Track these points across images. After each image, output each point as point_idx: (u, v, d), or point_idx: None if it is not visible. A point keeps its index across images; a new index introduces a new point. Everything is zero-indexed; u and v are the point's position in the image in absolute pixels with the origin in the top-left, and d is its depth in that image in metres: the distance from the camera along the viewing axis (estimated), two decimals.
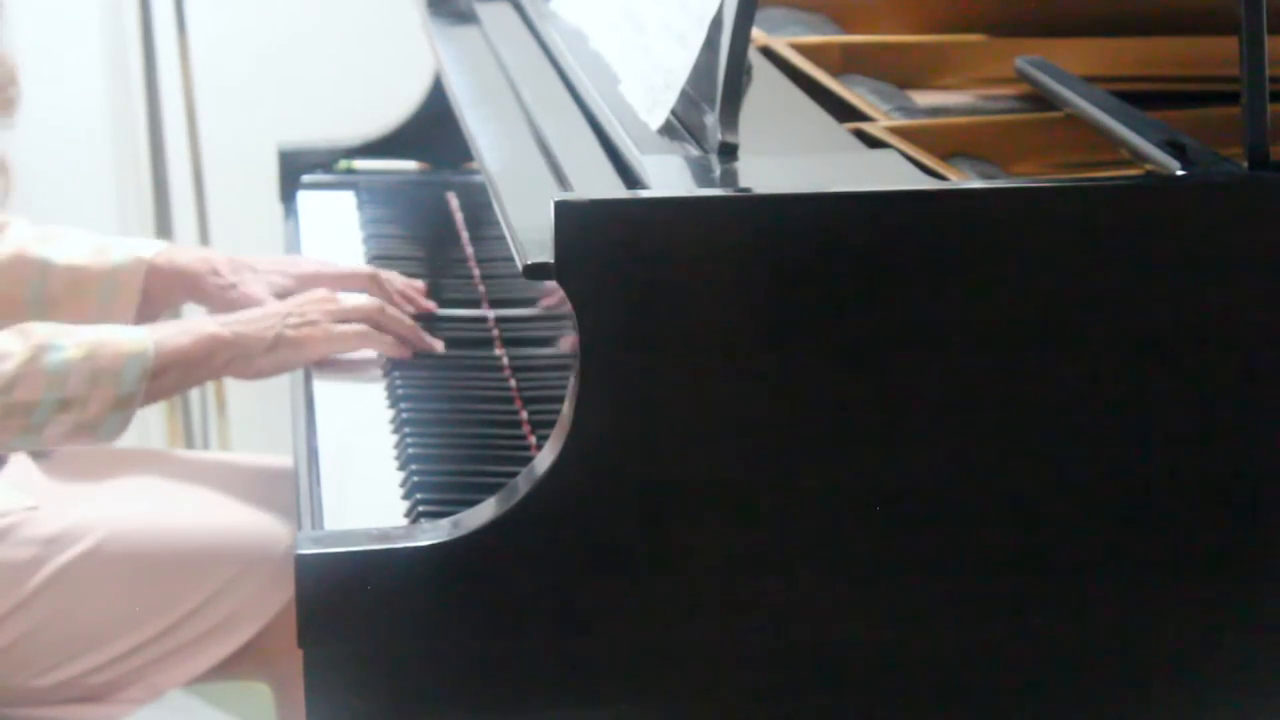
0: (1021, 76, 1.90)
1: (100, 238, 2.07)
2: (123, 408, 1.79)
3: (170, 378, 1.82)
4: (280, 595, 1.81)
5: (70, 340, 1.78)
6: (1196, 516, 1.53)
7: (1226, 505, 1.53)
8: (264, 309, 1.89)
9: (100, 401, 1.78)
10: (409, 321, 1.91)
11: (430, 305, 2.03)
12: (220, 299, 2.01)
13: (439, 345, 1.92)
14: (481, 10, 2.19)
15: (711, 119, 1.54)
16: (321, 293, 1.91)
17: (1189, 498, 1.53)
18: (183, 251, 2.07)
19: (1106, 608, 1.54)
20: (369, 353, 1.93)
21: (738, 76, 1.52)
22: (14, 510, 1.82)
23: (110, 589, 1.81)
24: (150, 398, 1.82)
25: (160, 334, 1.82)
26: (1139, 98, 1.73)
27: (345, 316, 1.88)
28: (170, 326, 1.85)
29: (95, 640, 1.82)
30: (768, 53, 1.96)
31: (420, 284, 2.05)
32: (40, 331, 1.79)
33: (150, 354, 1.80)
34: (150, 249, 2.05)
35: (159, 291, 2.03)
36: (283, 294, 2.00)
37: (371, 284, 2.00)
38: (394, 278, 2.03)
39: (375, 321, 1.89)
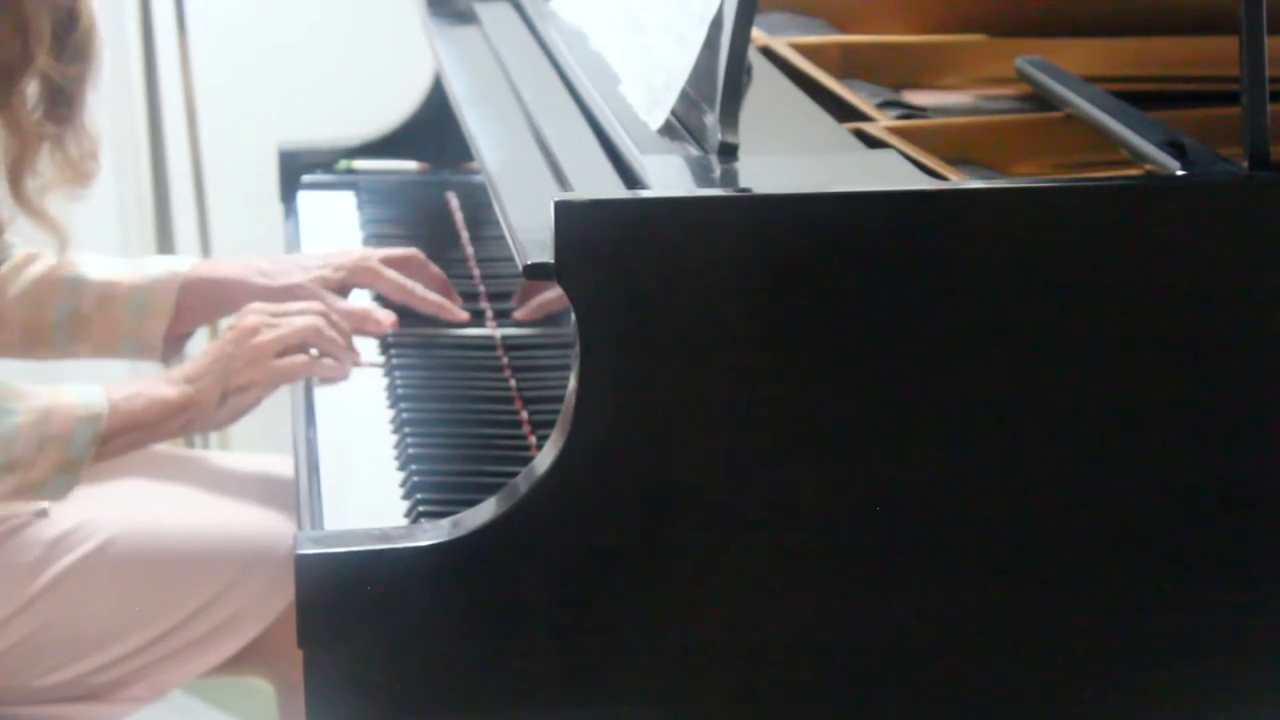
0: (1021, 76, 1.91)
1: (134, 258, 2.07)
2: (69, 470, 1.79)
3: (122, 441, 1.82)
4: (283, 596, 1.81)
5: (21, 405, 1.77)
6: (1197, 517, 1.53)
7: (1228, 506, 1.53)
8: (207, 361, 1.86)
9: (47, 465, 1.78)
10: (342, 341, 1.88)
11: (462, 315, 2.02)
12: (271, 300, 1.99)
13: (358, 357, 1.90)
14: (481, 10, 2.19)
15: (711, 119, 1.54)
16: (254, 321, 1.87)
17: (1190, 498, 1.53)
18: (220, 262, 2.07)
19: (1108, 608, 1.54)
20: (368, 354, 1.93)
21: (738, 76, 1.52)
22: (23, 512, 1.82)
23: (114, 590, 1.81)
24: (100, 459, 1.82)
25: (118, 395, 1.82)
26: (1139, 98, 1.73)
27: (285, 345, 1.85)
28: (128, 388, 1.84)
29: (98, 641, 1.82)
30: (768, 53, 1.97)
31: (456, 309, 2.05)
32: None
33: (104, 417, 1.80)
34: (186, 263, 2.05)
35: (196, 305, 2.02)
36: (335, 287, 2.00)
37: (414, 264, 2.01)
38: (427, 262, 2.04)
39: (314, 343, 1.86)
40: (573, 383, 1.44)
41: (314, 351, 1.87)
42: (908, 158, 1.58)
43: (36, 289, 2.01)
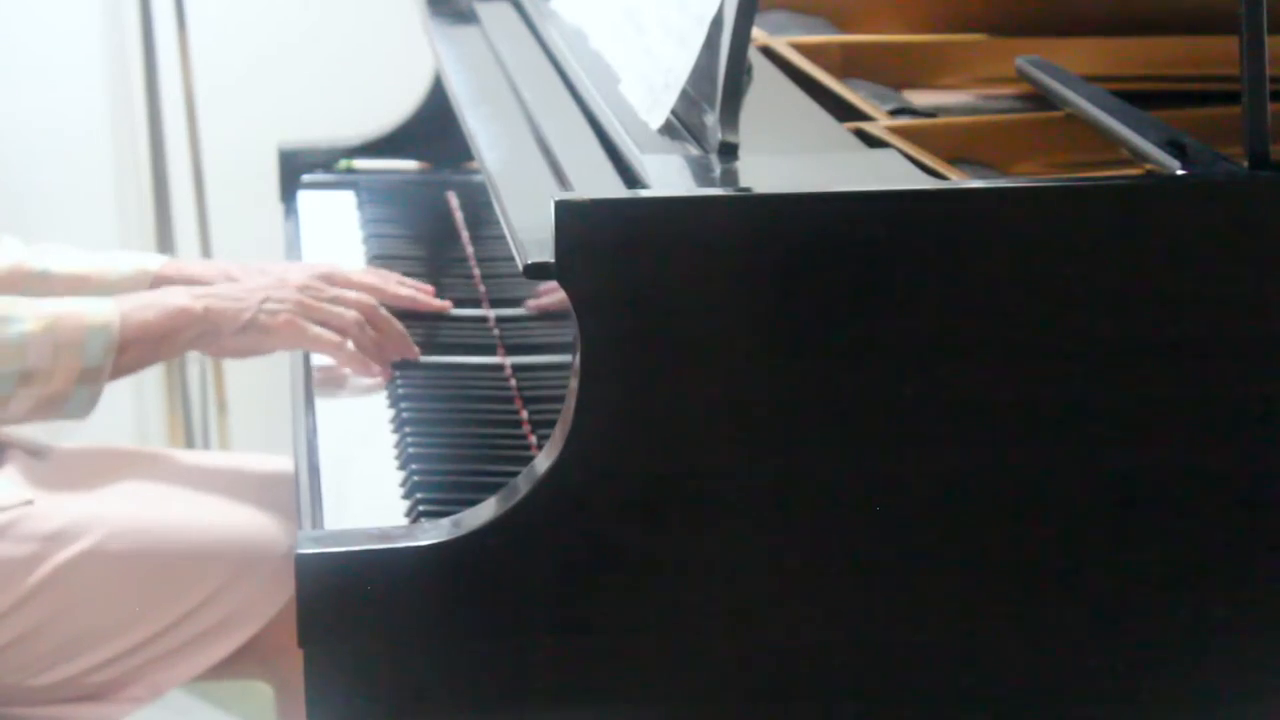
0: (1021, 76, 1.91)
1: (104, 252, 2.06)
2: (89, 381, 1.78)
3: (137, 351, 1.81)
4: (280, 595, 1.81)
5: (30, 312, 1.77)
6: (1197, 517, 1.53)
7: (1228, 505, 1.53)
8: (244, 285, 1.86)
9: (65, 374, 1.77)
10: (383, 343, 1.88)
11: (442, 304, 2.01)
12: None
13: (388, 374, 1.88)
14: (481, 10, 2.19)
15: (712, 119, 1.54)
16: (315, 279, 1.87)
17: (1190, 498, 1.53)
18: (191, 263, 2.06)
19: (1107, 608, 1.54)
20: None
21: (738, 76, 1.52)
22: (10, 505, 1.82)
23: (110, 587, 1.81)
24: (119, 372, 1.80)
25: (127, 306, 1.81)
26: (1139, 98, 1.73)
27: (325, 320, 1.85)
28: (139, 299, 1.83)
29: (95, 639, 1.82)
30: (768, 53, 1.97)
31: (429, 289, 2.04)
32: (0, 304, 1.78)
33: (115, 326, 1.79)
34: (156, 261, 2.04)
35: None
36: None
37: (373, 293, 1.98)
38: (403, 284, 2.03)
39: (351, 335, 1.86)
40: (573, 383, 1.44)
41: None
42: (908, 157, 1.58)
43: (2, 283, 2.00)
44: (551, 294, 1.95)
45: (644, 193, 1.46)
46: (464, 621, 1.47)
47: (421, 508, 1.61)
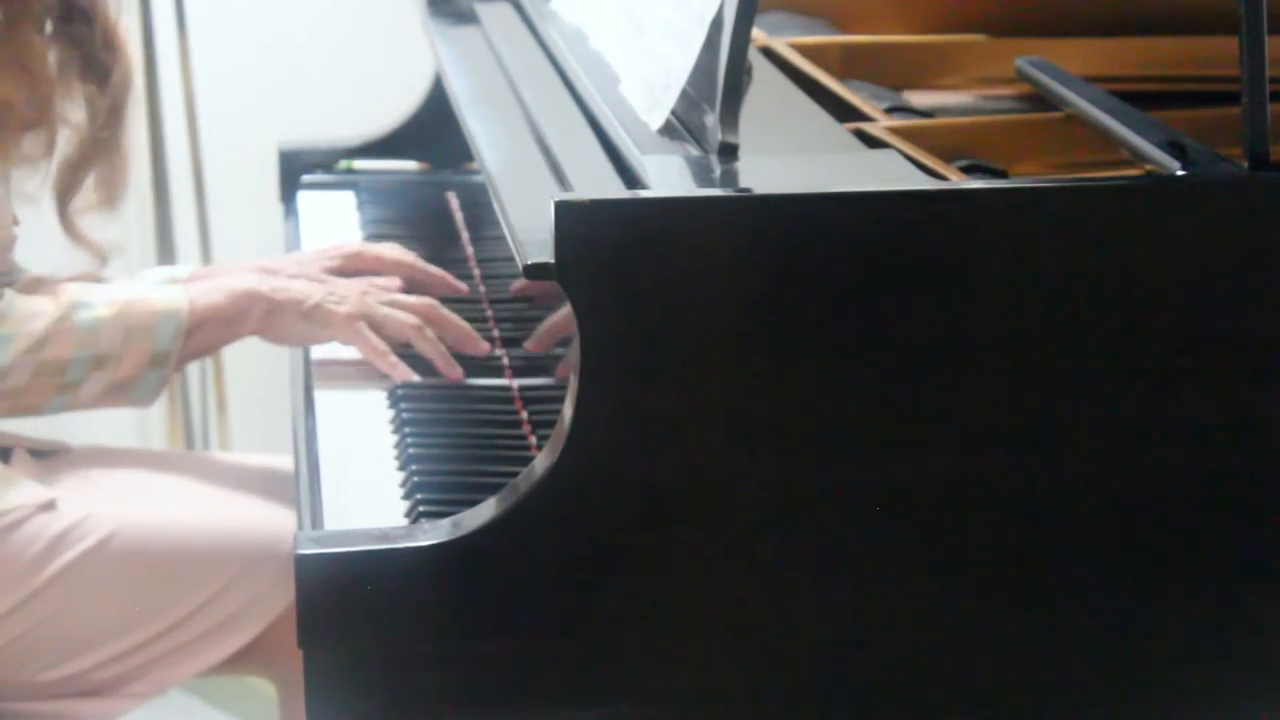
0: (1021, 76, 1.91)
1: (134, 275, 2.08)
2: (159, 366, 1.82)
3: (205, 334, 1.85)
4: (285, 594, 1.81)
5: (102, 298, 1.81)
6: (1197, 516, 1.53)
7: (1228, 505, 1.53)
8: (307, 283, 1.89)
9: (135, 359, 1.81)
10: (441, 349, 1.87)
11: (463, 287, 2.02)
12: None
13: (459, 373, 1.88)
14: (481, 10, 2.19)
15: (712, 119, 1.54)
16: (382, 282, 1.90)
17: (1190, 498, 1.53)
18: (219, 266, 2.08)
19: (1109, 608, 1.54)
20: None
21: (738, 76, 1.52)
22: (28, 504, 1.82)
23: (116, 585, 1.82)
24: (187, 356, 1.85)
25: (195, 291, 1.85)
26: (1139, 98, 1.73)
27: (379, 324, 1.86)
28: (206, 284, 1.87)
29: (100, 636, 1.82)
30: (768, 53, 1.97)
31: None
32: (71, 290, 1.82)
33: (184, 312, 1.83)
34: (184, 271, 2.06)
35: None
36: (337, 274, 2.00)
37: (403, 268, 2.00)
38: (429, 272, 2.03)
39: (410, 339, 1.86)
40: (573, 382, 1.44)
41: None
42: (907, 157, 1.58)
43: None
44: (548, 332, 1.95)
45: (644, 193, 1.46)
46: (464, 622, 1.47)
47: (421, 508, 1.61)
